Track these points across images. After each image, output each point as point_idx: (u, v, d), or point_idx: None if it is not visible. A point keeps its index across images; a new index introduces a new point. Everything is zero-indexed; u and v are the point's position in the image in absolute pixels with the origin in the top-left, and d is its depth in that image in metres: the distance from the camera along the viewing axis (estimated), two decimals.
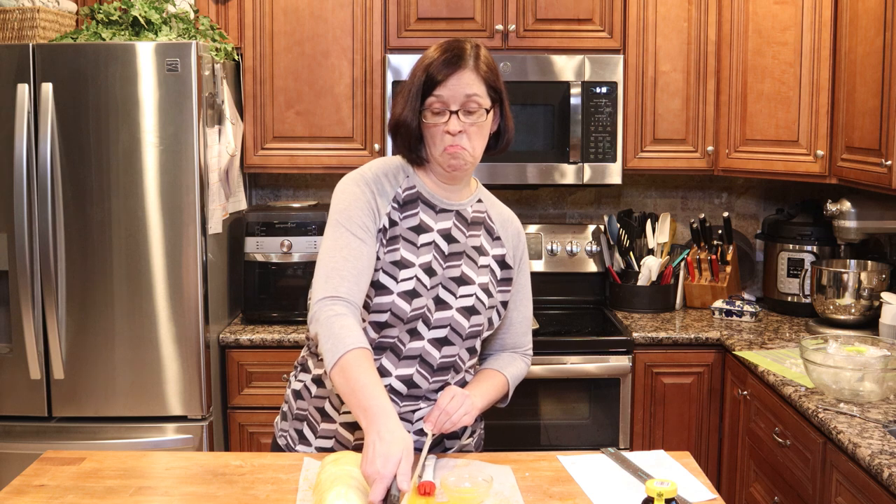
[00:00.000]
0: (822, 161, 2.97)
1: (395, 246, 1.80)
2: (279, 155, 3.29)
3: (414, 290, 1.79)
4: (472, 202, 1.91)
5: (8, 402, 2.85)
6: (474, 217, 1.90)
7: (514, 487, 1.68)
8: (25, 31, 2.91)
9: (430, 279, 1.81)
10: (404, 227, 1.82)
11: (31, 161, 2.77)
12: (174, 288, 2.82)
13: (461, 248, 1.86)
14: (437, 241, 1.84)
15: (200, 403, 2.85)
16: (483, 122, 1.79)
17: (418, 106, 1.77)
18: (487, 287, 1.87)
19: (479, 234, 1.89)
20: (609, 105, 3.21)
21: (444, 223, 1.85)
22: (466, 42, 1.81)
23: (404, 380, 1.82)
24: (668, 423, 3.05)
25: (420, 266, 1.80)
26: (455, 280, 1.84)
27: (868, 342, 2.37)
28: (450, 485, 1.60)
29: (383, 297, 1.78)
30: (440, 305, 1.82)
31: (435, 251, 1.83)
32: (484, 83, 1.78)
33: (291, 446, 1.93)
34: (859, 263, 3.03)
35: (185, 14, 3.00)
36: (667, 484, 1.44)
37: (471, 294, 1.84)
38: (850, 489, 2.02)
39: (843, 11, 2.83)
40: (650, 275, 3.37)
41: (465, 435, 1.95)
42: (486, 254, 1.89)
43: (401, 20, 3.25)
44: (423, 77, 1.76)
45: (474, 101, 1.77)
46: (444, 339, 1.83)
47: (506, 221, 1.96)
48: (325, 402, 1.87)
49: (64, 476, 1.74)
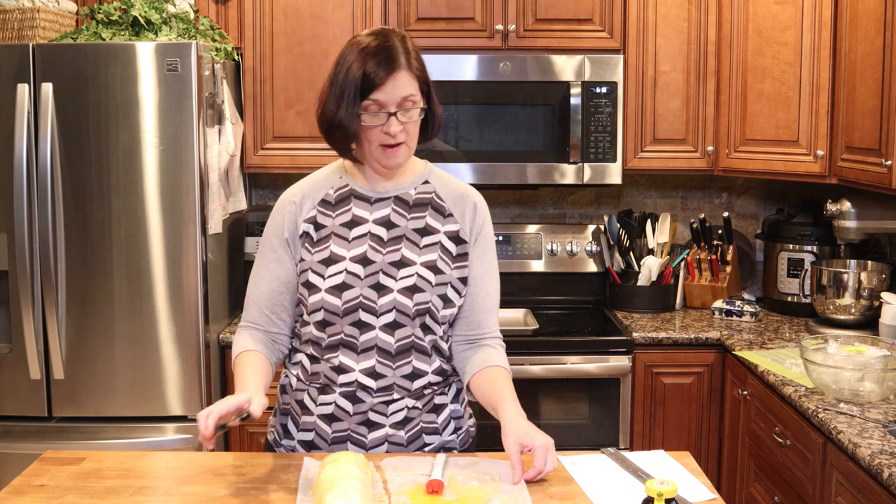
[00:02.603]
0: (822, 161, 2.97)
1: (324, 245, 1.87)
2: (279, 155, 3.29)
3: (343, 283, 1.84)
4: (415, 184, 1.93)
5: (8, 402, 2.85)
6: (418, 199, 1.92)
7: (521, 486, 1.68)
8: (25, 31, 2.91)
9: (366, 268, 1.85)
10: (336, 225, 1.89)
11: (31, 161, 2.77)
12: (174, 288, 2.82)
13: (401, 231, 1.89)
14: (372, 231, 1.88)
15: (200, 403, 2.85)
16: (418, 118, 1.84)
17: (356, 109, 1.78)
18: (433, 264, 1.88)
19: (425, 215, 1.91)
20: (609, 105, 3.21)
21: (381, 211, 1.90)
22: (394, 36, 1.82)
23: (368, 372, 1.85)
24: (668, 423, 3.05)
25: (352, 258, 1.85)
26: (394, 264, 1.86)
27: (868, 342, 2.37)
28: (458, 483, 1.60)
29: (314, 295, 1.85)
30: (381, 291, 1.85)
31: (371, 240, 1.87)
32: (417, 80, 1.82)
33: (278, 441, 1.97)
34: (859, 263, 3.03)
35: (185, 14, 3.00)
36: (667, 484, 1.44)
37: (411, 274, 1.86)
38: (850, 489, 2.02)
39: (843, 11, 2.83)
40: (650, 275, 3.37)
41: (447, 432, 1.95)
42: (434, 232, 1.90)
43: (401, 20, 3.25)
44: (360, 79, 1.77)
45: (410, 101, 1.81)
46: (394, 323, 1.85)
47: (459, 197, 1.95)
48: (304, 394, 1.91)
49: (64, 476, 1.74)
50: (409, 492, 1.64)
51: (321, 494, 1.52)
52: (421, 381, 1.89)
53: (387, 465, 1.77)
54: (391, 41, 1.79)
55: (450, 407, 1.96)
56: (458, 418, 1.98)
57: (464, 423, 2.01)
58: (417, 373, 1.88)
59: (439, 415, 1.93)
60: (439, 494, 1.61)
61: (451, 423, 1.96)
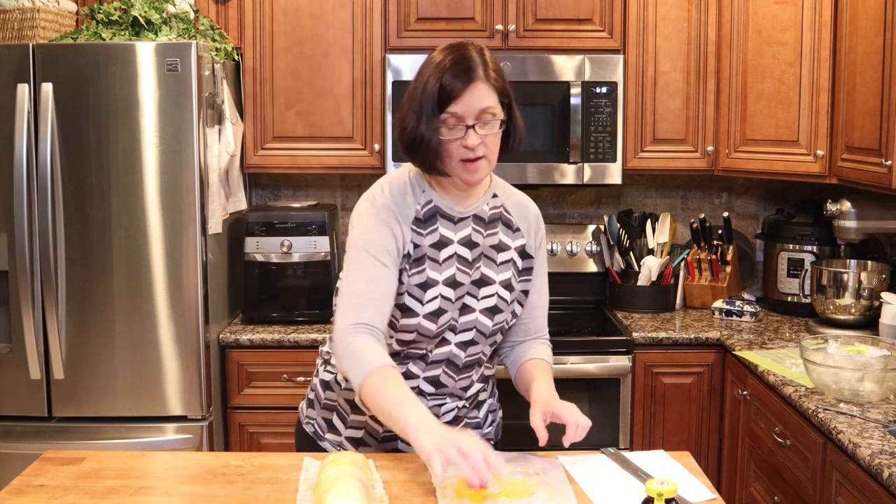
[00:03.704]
0: (822, 161, 2.97)
1: (420, 267, 1.81)
2: (279, 155, 3.29)
3: (439, 309, 1.80)
4: (487, 200, 1.89)
5: (8, 402, 2.85)
6: (492, 215, 1.89)
7: (564, 480, 1.70)
8: (25, 31, 2.91)
9: (456, 291, 1.81)
10: (426, 246, 1.82)
11: (31, 161, 2.77)
12: (174, 288, 2.82)
13: (480, 250, 1.86)
14: (458, 252, 1.84)
15: (200, 403, 2.85)
16: (498, 131, 1.79)
17: (435, 122, 1.74)
18: (509, 282, 1.88)
19: (497, 231, 1.89)
20: (609, 105, 3.21)
21: (463, 231, 1.85)
22: (471, 48, 1.77)
23: (431, 381, 1.87)
24: (668, 423, 3.05)
25: (444, 282, 1.81)
26: (476, 283, 1.85)
27: (868, 342, 2.37)
28: (502, 477, 1.62)
29: (409, 319, 1.79)
30: (464, 310, 1.84)
31: (458, 262, 1.83)
32: (496, 92, 1.76)
33: (321, 434, 1.97)
34: (859, 263, 3.03)
35: (185, 14, 3.00)
36: (667, 484, 1.44)
37: (492, 294, 1.86)
38: (850, 489, 2.02)
39: (843, 11, 2.83)
40: (650, 275, 3.37)
41: (486, 423, 1.99)
42: (506, 249, 1.89)
43: (401, 20, 3.25)
44: (437, 92, 1.72)
45: (489, 113, 1.75)
46: (470, 341, 1.86)
47: (523, 209, 1.95)
48: (357, 395, 1.87)
49: (64, 476, 1.74)
50: (454, 485, 1.65)
51: (321, 494, 1.52)
52: (474, 389, 1.93)
53: None
54: (468, 53, 1.75)
55: (488, 401, 2.01)
56: (493, 411, 2.03)
57: (497, 415, 2.05)
58: (473, 383, 1.92)
59: (480, 410, 1.98)
60: (483, 488, 1.62)
61: (489, 417, 2.00)
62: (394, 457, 1.85)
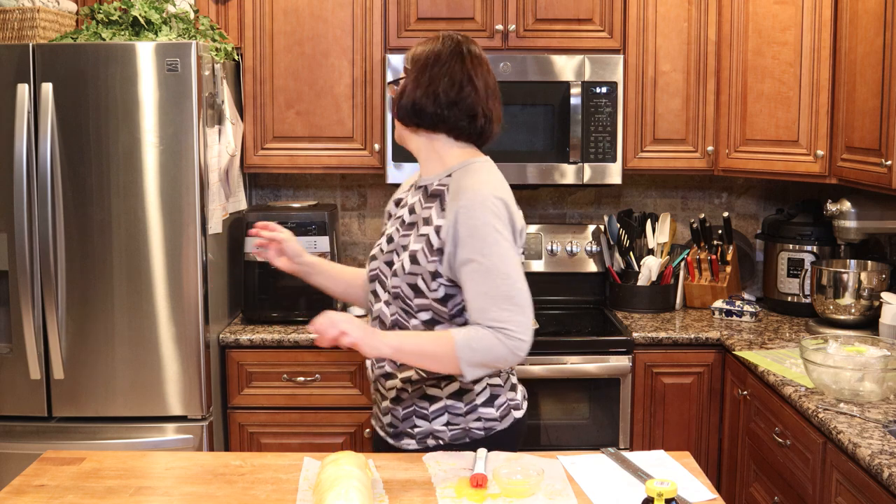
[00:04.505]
0: (822, 161, 2.97)
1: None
2: (279, 155, 3.29)
3: (372, 257, 2.08)
4: (440, 177, 1.99)
5: (8, 402, 2.85)
6: (434, 190, 1.99)
7: (564, 481, 1.70)
8: (25, 31, 2.91)
9: (388, 245, 2.02)
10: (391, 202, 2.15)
11: (31, 161, 2.77)
12: (174, 288, 2.82)
13: (416, 218, 1.98)
14: (404, 216, 2.03)
15: (200, 403, 2.85)
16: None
17: None
18: (416, 255, 1.93)
19: (433, 206, 1.96)
20: (609, 105, 3.21)
21: (413, 198, 2.04)
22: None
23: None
24: (668, 423, 3.05)
25: (386, 238, 2.06)
26: (404, 247, 1.98)
27: (868, 342, 2.37)
28: (502, 477, 1.63)
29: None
30: (389, 266, 2.02)
31: (398, 223, 2.04)
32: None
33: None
34: (859, 263, 3.03)
35: (185, 14, 3.00)
36: (667, 484, 1.44)
37: (402, 258, 1.97)
38: (850, 489, 2.02)
39: (843, 11, 2.83)
40: (650, 275, 3.37)
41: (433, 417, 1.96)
42: (430, 224, 1.95)
43: (401, 20, 3.25)
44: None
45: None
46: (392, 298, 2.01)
47: (456, 194, 1.91)
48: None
49: (64, 476, 1.74)
50: (454, 485, 1.65)
51: (321, 494, 1.52)
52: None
53: (429, 460, 1.78)
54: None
55: (445, 401, 2.00)
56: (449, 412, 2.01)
57: (456, 417, 2.01)
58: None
59: (432, 404, 1.98)
60: (483, 488, 1.63)
61: (416, 427, 2.00)
62: (394, 457, 1.85)
